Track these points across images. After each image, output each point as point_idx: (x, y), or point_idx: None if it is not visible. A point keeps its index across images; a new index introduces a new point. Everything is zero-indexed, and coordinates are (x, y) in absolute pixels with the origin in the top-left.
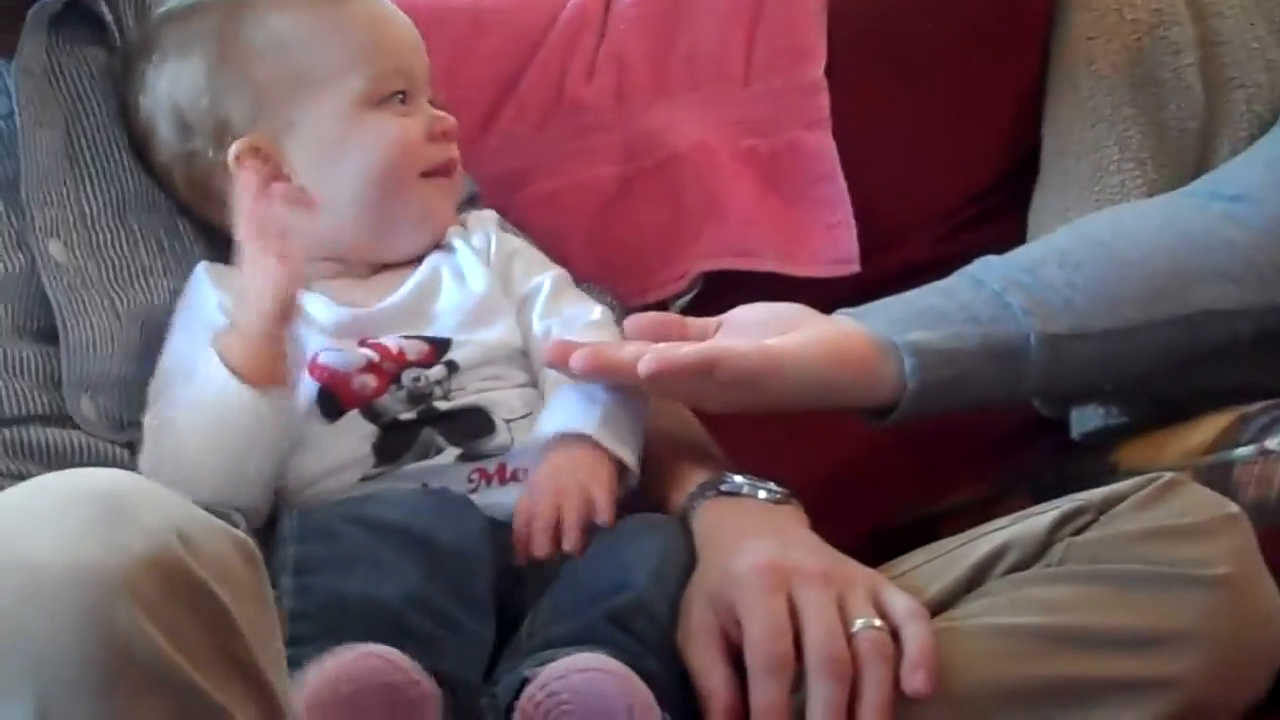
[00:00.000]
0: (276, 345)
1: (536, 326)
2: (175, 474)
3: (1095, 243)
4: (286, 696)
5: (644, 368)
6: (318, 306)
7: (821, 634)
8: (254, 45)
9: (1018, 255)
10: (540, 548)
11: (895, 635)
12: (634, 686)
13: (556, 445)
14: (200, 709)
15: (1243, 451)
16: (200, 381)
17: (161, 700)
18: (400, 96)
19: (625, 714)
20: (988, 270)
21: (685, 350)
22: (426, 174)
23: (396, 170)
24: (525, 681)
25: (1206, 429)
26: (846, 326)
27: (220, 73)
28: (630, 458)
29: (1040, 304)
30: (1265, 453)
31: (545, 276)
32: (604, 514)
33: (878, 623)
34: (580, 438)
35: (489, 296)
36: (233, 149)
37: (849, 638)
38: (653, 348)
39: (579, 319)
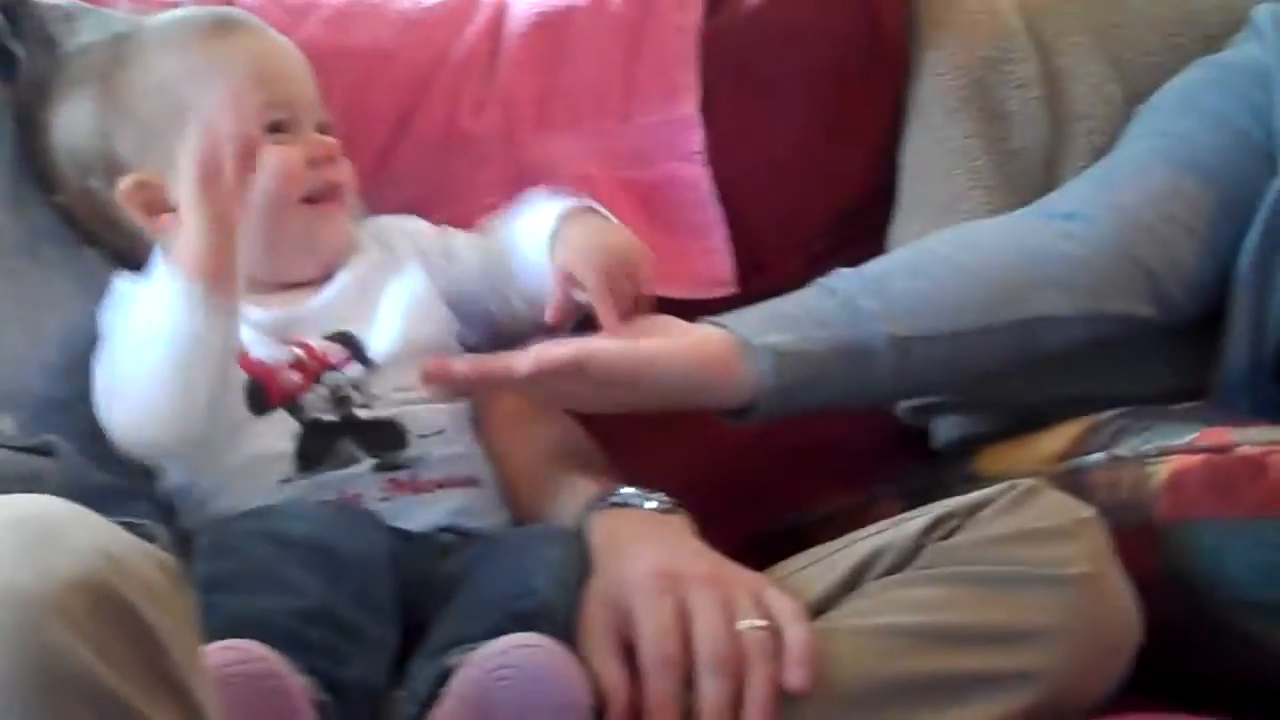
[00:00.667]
0: (225, 234)
1: (496, 256)
2: (126, 402)
3: (940, 256)
4: (211, 708)
5: (523, 367)
6: (248, 308)
7: (710, 634)
8: (139, 85)
9: (868, 267)
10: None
11: (778, 634)
12: (567, 661)
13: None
14: None
15: (1095, 458)
16: (144, 301)
17: (91, 714)
18: (280, 125)
19: (562, 686)
20: (840, 280)
21: (559, 349)
22: (309, 200)
23: (276, 198)
24: (448, 671)
25: (1059, 437)
26: (710, 331)
27: (108, 113)
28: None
29: (889, 309)
30: (1115, 459)
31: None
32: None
33: (762, 623)
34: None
35: (418, 297)
36: (120, 184)
37: (735, 637)
38: (532, 351)
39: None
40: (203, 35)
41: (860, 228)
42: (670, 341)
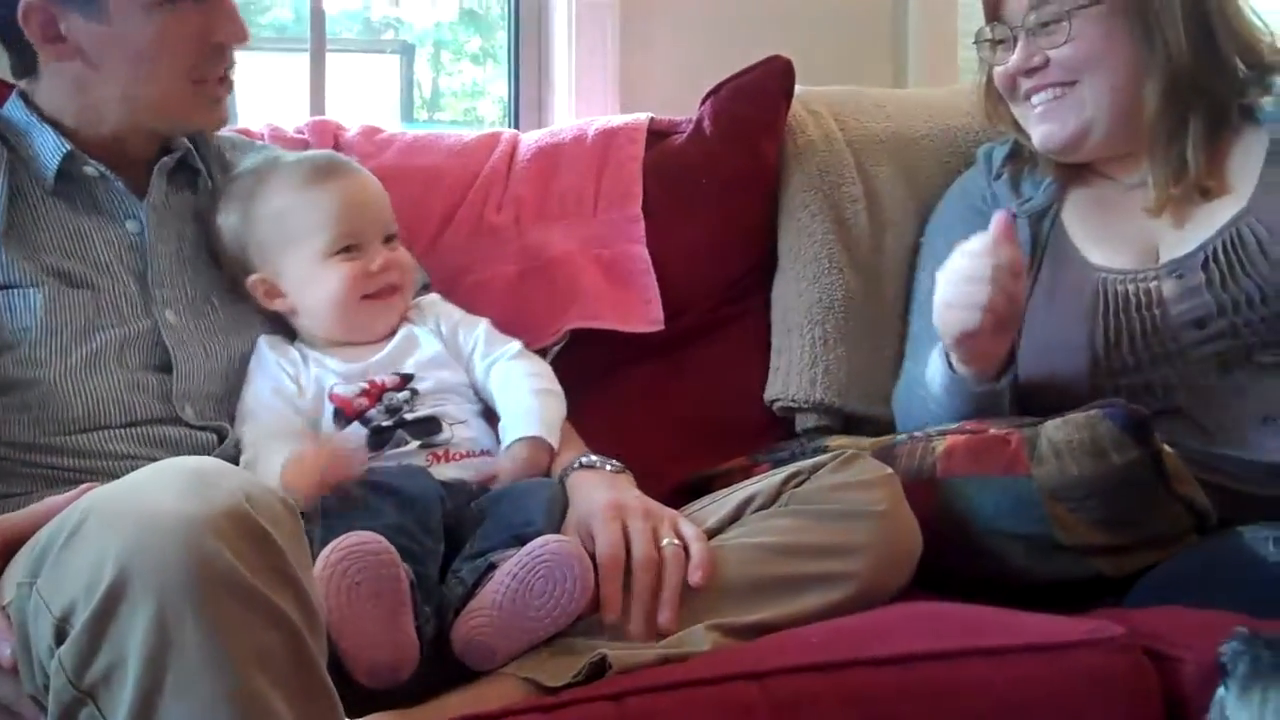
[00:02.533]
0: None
1: (479, 365)
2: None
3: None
4: (319, 600)
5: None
6: (332, 360)
7: (641, 547)
8: (262, 212)
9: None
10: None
11: (686, 549)
12: (582, 552)
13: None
14: (263, 606)
15: (900, 438)
16: (264, 467)
17: (237, 601)
18: (353, 249)
19: (579, 564)
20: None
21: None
22: (368, 297)
23: (344, 297)
24: (492, 565)
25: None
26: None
27: (244, 228)
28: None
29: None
30: (912, 438)
31: (479, 327)
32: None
33: (676, 541)
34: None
35: (439, 354)
36: (250, 279)
37: (659, 550)
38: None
39: (507, 352)
40: (306, 180)
41: (747, 288)
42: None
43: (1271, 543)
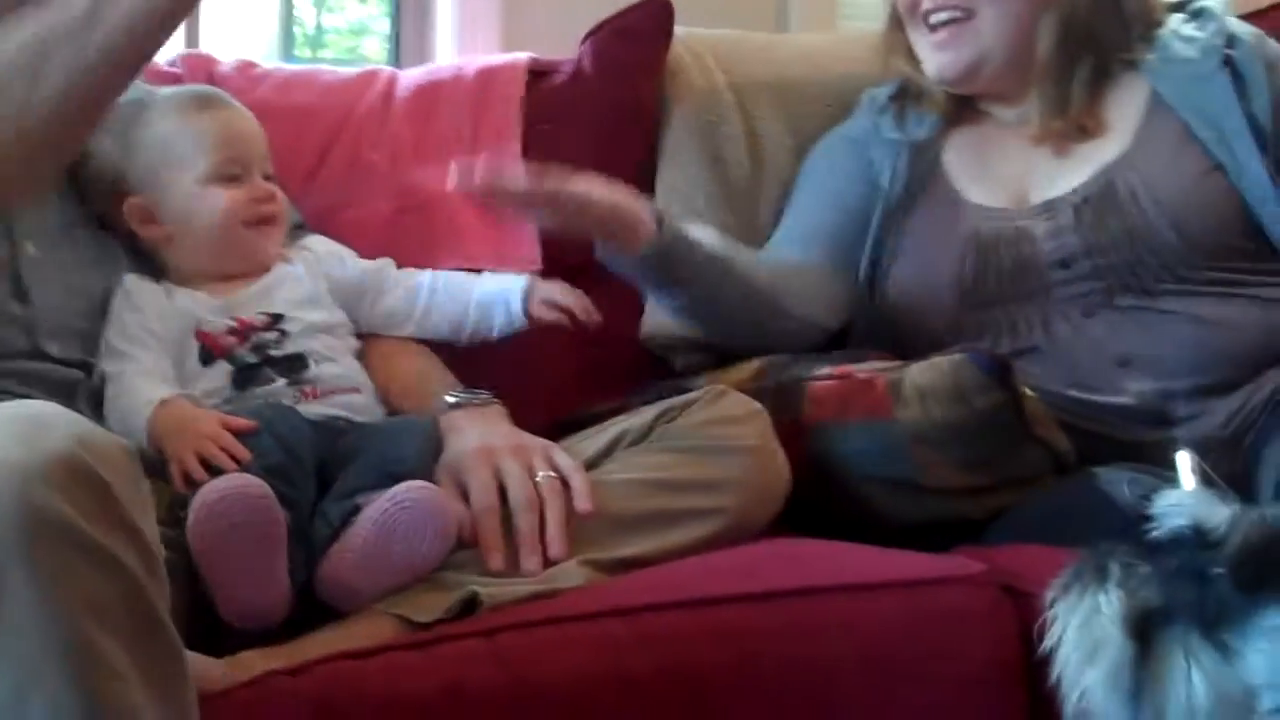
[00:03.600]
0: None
1: (396, 287)
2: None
3: (753, 253)
4: (157, 545)
5: (523, 186)
6: (201, 296)
7: (516, 485)
8: (142, 138)
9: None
10: None
11: (564, 482)
12: (442, 498)
13: None
14: (98, 554)
15: (768, 382)
16: (129, 403)
17: (71, 550)
18: (235, 177)
19: (439, 514)
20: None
21: (553, 179)
22: (248, 224)
23: (225, 223)
24: (356, 508)
25: (747, 369)
26: (643, 201)
27: (122, 154)
28: None
29: (736, 250)
30: (780, 384)
31: (369, 264)
32: None
33: (552, 474)
34: None
35: (311, 292)
36: (126, 204)
37: (535, 485)
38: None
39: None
40: (187, 107)
41: None
42: (619, 196)
43: (1125, 484)
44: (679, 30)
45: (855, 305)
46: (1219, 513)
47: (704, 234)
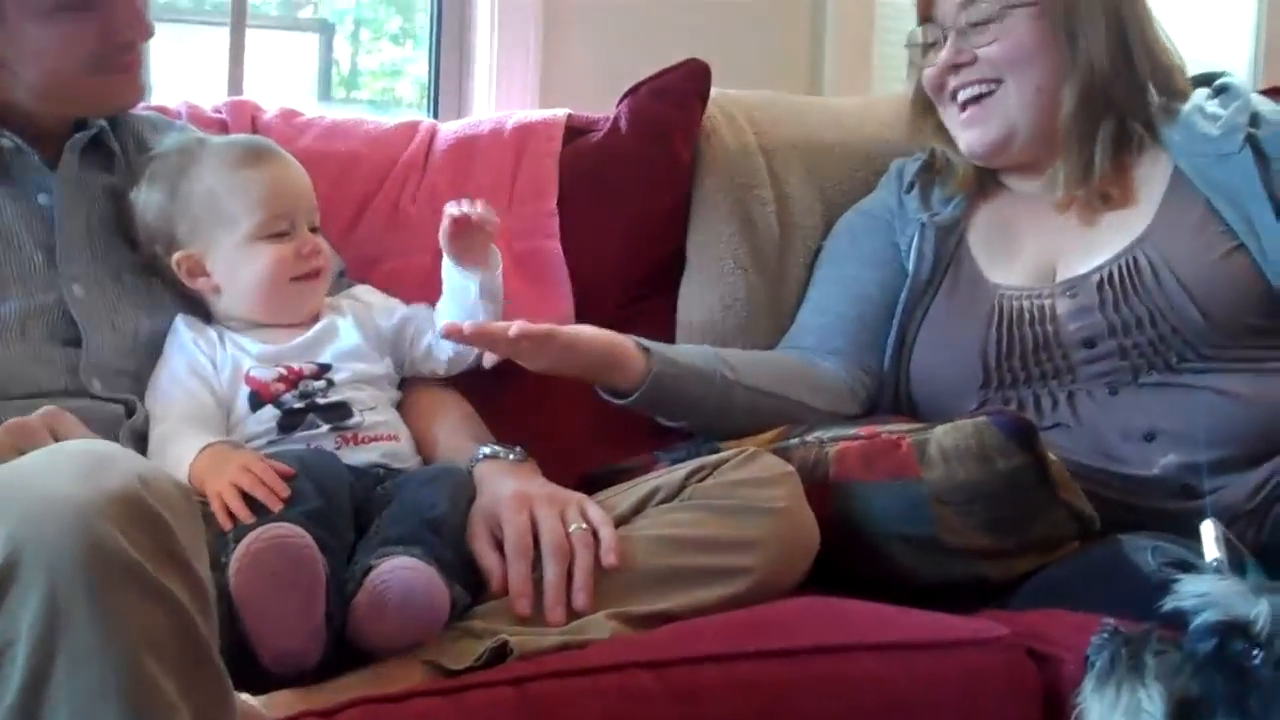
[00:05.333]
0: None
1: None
2: None
3: (759, 358)
4: (210, 583)
5: (512, 332)
6: (249, 342)
7: (549, 533)
8: (192, 191)
9: (723, 350)
10: None
11: (595, 534)
12: (431, 575)
13: None
14: (155, 590)
15: (794, 441)
16: (176, 449)
17: (130, 585)
18: (283, 233)
19: (425, 592)
20: (707, 347)
21: (537, 326)
22: (295, 279)
23: (272, 279)
24: (370, 568)
25: (771, 431)
26: (625, 337)
27: (171, 206)
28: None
29: (730, 365)
30: (805, 442)
31: (409, 308)
32: None
33: (584, 525)
34: None
35: (358, 345)
36: (175, 256)
37: (567, 535)
38: (516, 323)
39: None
40: (238, 162)
41: (656, 287)
42: (600, 333)
43: (1149, 552)
44: (715, 92)
45: (878, 389)
46: (1255, 605)
47: (699, 354)
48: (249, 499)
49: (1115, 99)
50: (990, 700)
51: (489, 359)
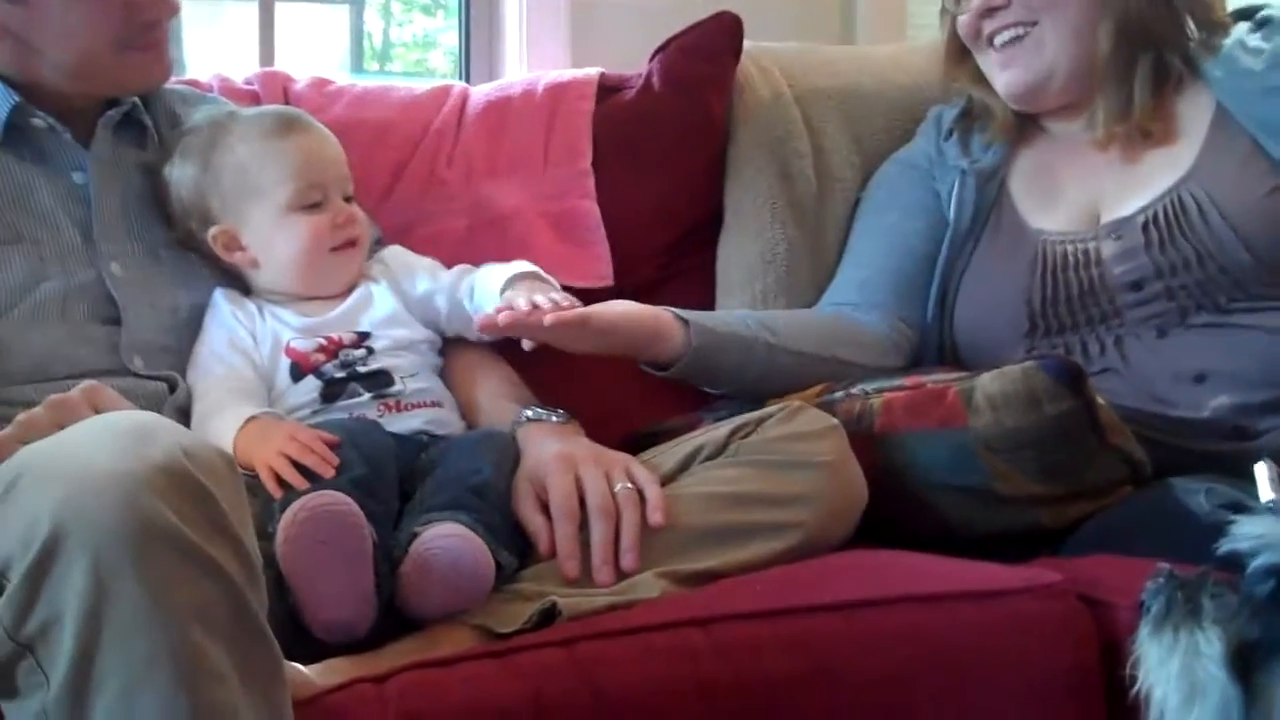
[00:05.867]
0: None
1: (460, 286)
2: None
3: (798, 318)
4: (256, 553)
5: (548, 320)
6: (289, 314)
7: (595, 494)
8: (225, 164)
9: (762, 313)
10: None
11: (640, 493)
12: (476, 543)
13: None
14: (202, 560)
15: (839, 394)
16: (219, 423)
17: (174, 556)
18: (316, 204)
19: (470, 559)
20: (744, 311)
21: (572, 311)
22: (334, 249)
23: (309, 252)
24: (414, 535)
25: (811, 391)
26: (663, 309)
27: (204, 181)
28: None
29: (771, 329)
30: (850, 395)
31: (438, 280)
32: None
33: (630, 485)
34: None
35: (396, 311)
36: (211, 230)
37: (613, 495)
38: (551, 312)
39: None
40: (268, 133)
41: (694, 245)
42: (637, 309)
43: (1202, 495)
44: (747, 44)
45: (922, 341)
46: None
47: (738, 321)
48: (299, 468)
49: (1153, 34)
50: (1045, 648)
51: (527, 343)
